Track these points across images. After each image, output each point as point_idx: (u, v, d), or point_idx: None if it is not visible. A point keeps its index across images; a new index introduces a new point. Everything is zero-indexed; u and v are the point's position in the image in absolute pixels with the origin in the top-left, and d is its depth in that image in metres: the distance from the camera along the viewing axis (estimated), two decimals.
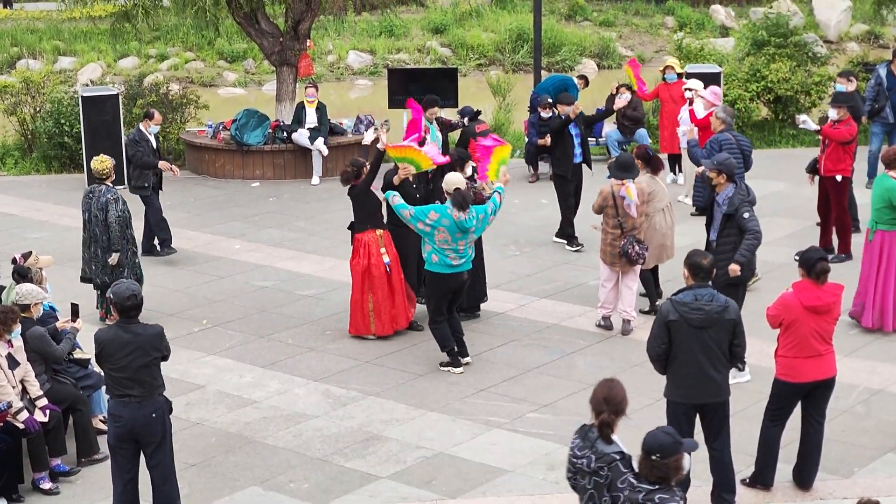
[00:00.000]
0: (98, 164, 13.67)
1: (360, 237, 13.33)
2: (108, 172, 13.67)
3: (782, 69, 22.64)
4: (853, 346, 12.86)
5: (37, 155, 22.06)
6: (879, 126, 19.04)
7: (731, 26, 35.89)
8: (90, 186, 13.85)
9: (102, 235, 13.58)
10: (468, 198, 12.22)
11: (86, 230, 13.80)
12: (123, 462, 9.29)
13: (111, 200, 13.53)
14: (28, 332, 10.42)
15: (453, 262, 12.28)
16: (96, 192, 13.66)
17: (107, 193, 13.58)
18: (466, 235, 12.26)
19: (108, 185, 13.67)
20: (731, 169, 12.09)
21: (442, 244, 12.20)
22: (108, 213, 13.48)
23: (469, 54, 33.71)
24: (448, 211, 12.16)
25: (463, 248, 12.29)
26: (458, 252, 12.27)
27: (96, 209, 13.60)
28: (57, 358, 10.66)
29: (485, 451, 10.79)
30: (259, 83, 32.02)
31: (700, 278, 9.32)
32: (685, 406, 9.39)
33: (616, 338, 13.38)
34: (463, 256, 12.33)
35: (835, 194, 15.54)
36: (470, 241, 12.39)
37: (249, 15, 21.42)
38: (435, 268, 12.32)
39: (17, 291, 10.70)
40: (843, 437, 10.89)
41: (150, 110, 16.69)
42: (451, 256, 12.25)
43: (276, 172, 20.86)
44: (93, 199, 13.65)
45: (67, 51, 33.06)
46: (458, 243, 12.24)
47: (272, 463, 10.67)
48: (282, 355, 13.11)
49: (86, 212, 13.74)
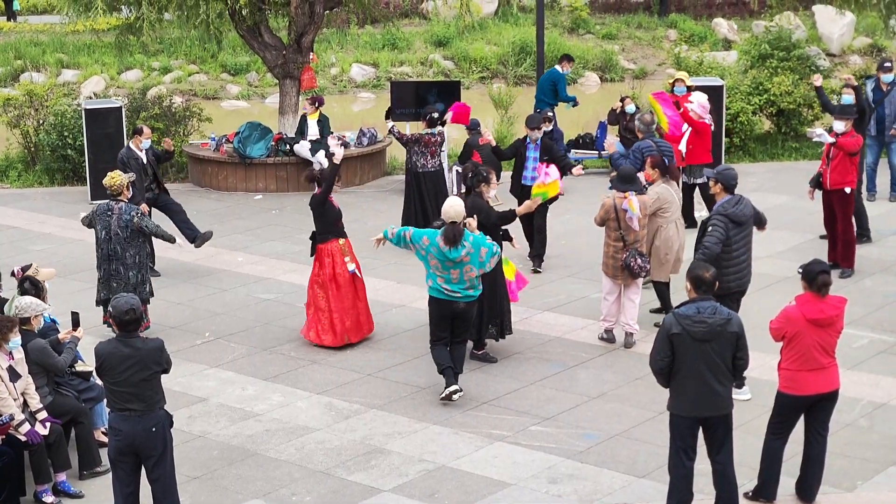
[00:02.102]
0: (109, 181, 13.47)
1: (323, 247, 13.51)
2: (120, 189, 13.43)
3: (785, 82, 22.67)
4: (856, 360, 12.84)
5: (40, 167, 22.09)
6: (871, 138, 19.04)
7: (733, 39, 35.92)
8: (105, 203, 13.51)
9: (125, 252, 13.37)
10: (459, 235, 11.72)
11: (102, 248, 13.48)
12: (124, 475, 9.28)
13: (139, 216, 13.38)
14: (29, 344, 10.41)
15: (444, 290, 11.94)
16: (114, 209, 13.38)
17: (130, 211, 13.37)
18: (459, 267, 11.80)
19: (125, 202, 13.46)
20: (727, 180, 11.97)
21: (434, 270, 11.96)
22: (144, 227, 13.36)
23: (472, 67, 33.76)
24: (437, 239, 11.85)
25: (457, 278, 11.84)
26: (449, 281, 11.87)
27: (118, 227, 13.32)
28: (59, 370, 10.64)
29: (487, 465, 10.77)
30: (262, 96, 32.06)
31: (702, 291, 9.31)
32: (689, 419, 9.37)
33: (619, 351, 13.36)
34: (456, 288, 11.87)
35: (841, 207, 15.51)
36: (468, 274, 11.85)
37: (253, 28, 21.46)
38: (430, 290, 12.09)
39: (17, 304, 10.66)
40: (845, 450, 10.87)
41: (139, 126, 16.53)
42: (442, 283, 11.93)
43: (279, 185, 20.87)
44: (112, 217, 13.34)
45: (71, 63, 33.12)
46: (450, 272, 11.82)
47: (274, 476, 10.66)
48: (284, 368, 13.09)
49: (103, 230, 13.41)
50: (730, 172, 12.08)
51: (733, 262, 11.87)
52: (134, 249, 13.41)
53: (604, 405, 11.95)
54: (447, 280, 11.87)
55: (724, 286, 11.64)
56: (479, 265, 11.88)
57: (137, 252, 13.45)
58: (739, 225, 11.88)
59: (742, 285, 12.05)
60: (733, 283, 11.92)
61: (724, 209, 11.87)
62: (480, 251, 11.84)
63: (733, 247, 11.86)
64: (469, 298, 11.99)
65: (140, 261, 13.48)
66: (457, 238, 11.72)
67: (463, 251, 11.75)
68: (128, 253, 13.40)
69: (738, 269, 11.91)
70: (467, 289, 11.92)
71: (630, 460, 10.83)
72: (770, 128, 23.49)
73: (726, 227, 11.80)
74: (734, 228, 11.84)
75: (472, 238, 11.85)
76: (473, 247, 11.80)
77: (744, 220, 11.93)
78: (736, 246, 11.88)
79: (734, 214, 11.84)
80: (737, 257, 11.89)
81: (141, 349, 9.15)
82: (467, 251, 11.76)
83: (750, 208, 12.03)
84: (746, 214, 11.96)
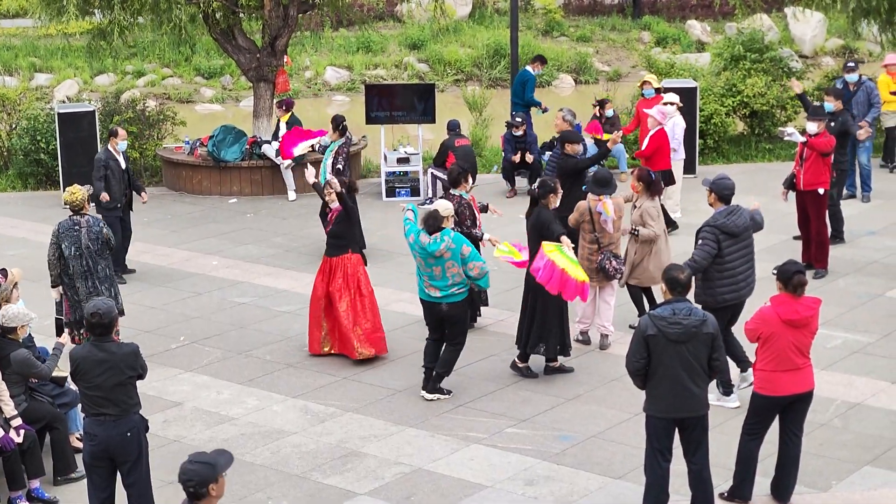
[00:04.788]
0: (70, 197, 13.13)
1: (343, 259, 13.24)
2: (82, 203, 13.12)
3: (758, 84, 22.74)
4: (831, 360, 12.89)
5: (13, 172, 21.96)
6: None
7: (706, 41, 36.02)
8: (69, 220, 13.10)
9: (96, 266, 13.00)
10: (438, 222, 11.81)
11: (68, 267, 12.99)
12: (99, 480, 9.24)
13: (105, 227, 13.17)
14: (12, 354, 10.34)
15: (427, 290, 11.98)
16: (81, 223, 13.03)
17: (98, 223, 13.10)
18: (441, 263, 11.82)
19: (88, 215, 13.17)
20: (721, 189, 11.61)
21: (420, 267, 12.01)
22: (110, 238, 13.13)
23: (446, 70, 33.73)
24: (421, 234, 11.91)
25: (440, 274, 11.86)
26: (433, 278, 11.91)
27: (88, 240, 12.97)
28: (44, 377, 10.59)
29: (463, 467, 10.77)
30: (236, 99, 31.96)
31: (677, 292, 9.34)
32: (665, 420, 9.39)
33: (594, 352, 13.37)
34: (439, 285, 11.90)
35: (815, 208, 15.57)
36: (450, 271, 11.85)
37: (226, 31, 21.40)
38: (419, 293, 12.17)
39: (4, 314, 10.56)
40: (820, 450, 10.91)
41: (114, 128, 16.56)
42: (426, 283, 11.97)
43: (254, 188, 20.82)
44: (81, 231, 12.97)
45: (44, 67, 32.94)
46: (433, 269, 11.87)
47: (250, 480, 10.63)
48: (259, 372, 13.06)
49: (71, 245, 12.96)
50: (725, 182, 11.70)
51: (726, 274, 11.52)
52: (104, 262, 13.11)
53: (580, 407, 11.97)
54: (431, 277, 11.90)
55: (719, 298, 11.48)
56: (462, 262, 11.84)
57: (108, 264, 13.19)
58: (733, 236, 11.51)
59: (739, 297, 11.68)
60: (729, 296, 11.58)
61: (714, 220, 11.53)
62: (462, 248, 11.82)
63: (726, 259, 11.49)
64: (452, 299, 11.93)
65: (109, 273, 13.20)
66: (436, 225, 11.78)
67: (442, 245, 11.76)
68: (99, 266, 13.07)
69: (732, 281, 11.55)
70: (450, 286, 11.89)
71: (606, 462, 10.84)
72: (743, 129, 23.56)
73: (717, 239, 11.44)
74: (727, 240, 11.49)
75: (454, 235, 11.88)
76: (455, 243, 11.81)
77: (737, 231, 11.53)
78: (730, 258, 11.51)
79: (725, 226, 11.49)
80: (731, 269, 11.54)
81: (115, 353, 9.11)
82: (447, 246, 11.77)
83: (745, 219, 11.61)
84: (740, 226, 11.55)
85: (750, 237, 11.76)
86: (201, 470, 7.08)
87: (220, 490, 7.12)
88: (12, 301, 11.06)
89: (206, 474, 7.07)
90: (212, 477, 7.06)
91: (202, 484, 7.06)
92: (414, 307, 14.80)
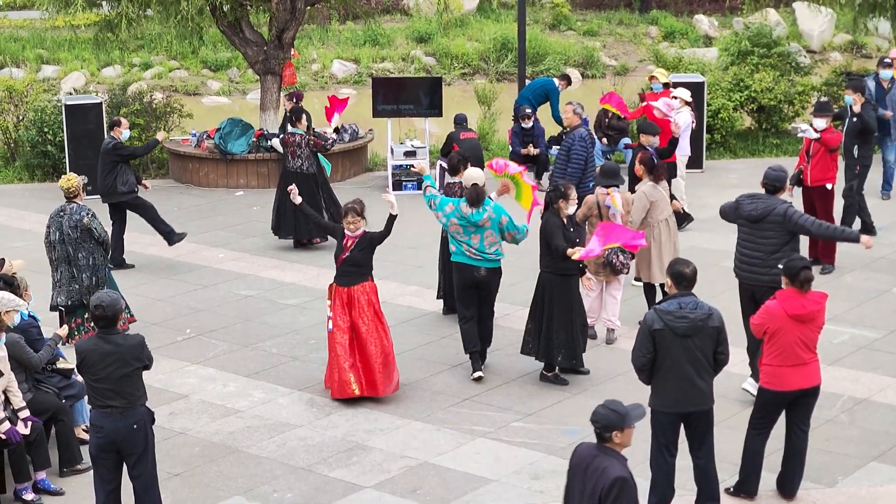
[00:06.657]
0: (65, 183, 13.41)
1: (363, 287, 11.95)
2: (77, 190, 13.36)
3: (766, 79, 22.71)
4: (837, 355, 12.87)
5: (20, 164, 21.98)
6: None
7: (714, 36, 35.96)
8: (60, 206, 13.47)
9: (76, 254, 13.28)
10: (482, 195, 12.24)
11: (54, 250, 13.39)
12: (105, 473, 9.25)
13: (89, 216, 13.31)
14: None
15: (467, 252, 12.33)
16: (67, 210, 13.36)
17: (80, 211, 13.29)
18: (481, 231, 12.23)
19: (78, 202, 13.39)
20: (770, 180, 11.68)
21: (455, 235, 12.35)
22: (93, 229, 13.27)
23: (453, 63, 33.71)
24: (461, 204, 12.27)
25: (478, 243, 12.25)
26: (471, 245, 12.28)
27: (69, 227, 13.25)
28: (34, 366, 10.53)
29: (469, 461, 10.77)
30: (243, 92, 31.96)
31: (683, 287, 9.32)
32: (670, 415, 9.39)
33: (600, 347, 13.37)
34: (479, 252, 12.28)
35: (822, 203, 15.55)
36: (488, 240, 12.27)
37: (233, 24, 21.39)
38: (454, 256, 12.47)
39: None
40: (826, 445, 10.90)
41: (116, 118, 16.82)
42: (465, 247, 12.33)
43: (261, 181, 20.82)
44: (64, 217, 13.31)
45: (51, 59, 32.95)
46: (472, 237, 12.25)
47: (256, 472, 10.63)
48: (266, 364, 13.06)
49: (56, 231, 13.34)
50: (772, 173, 11.75)
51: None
52: (85, 251, 13.27)
53: (586, 401, 11.95)
54: (469, 244, 12.30)
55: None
56: (500, 231, 12.30)
57: (90, 254, 13.30)
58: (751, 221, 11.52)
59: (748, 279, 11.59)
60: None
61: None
62: (501, 218, 12.26)
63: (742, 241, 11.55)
64: (491, 264, 12.35)
65: (94, 263, 13.32)
66: (480, 198, 12.17)
67: (485, 214, 12.19)
68: (80, 254, 13.25)
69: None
70: (489, 254, 12.31)
71: None
72: (751, 124, 23.52)
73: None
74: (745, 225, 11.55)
75: (493, 204, 12.34)
76: (495, 212, 12.27)
77: (749, 217, 11.55)
78: (741, 241, 11.57)
79: (733, 208, 11.69)
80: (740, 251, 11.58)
81: (122, 345, 9.12)
82: (489, 215, 12.20)
83: (760, 210, 11.51)
84: (749, 212, 11.54)
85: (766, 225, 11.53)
86: (609, 416, 7.45)
87: (624, 439, 7.47)
88: (25, 298, 11.05)
89: (612, 420, 7.43)
90: (617, 425, 7.41)
91: (607, 428, 7.44)
92: (420, 300, 14.83)
